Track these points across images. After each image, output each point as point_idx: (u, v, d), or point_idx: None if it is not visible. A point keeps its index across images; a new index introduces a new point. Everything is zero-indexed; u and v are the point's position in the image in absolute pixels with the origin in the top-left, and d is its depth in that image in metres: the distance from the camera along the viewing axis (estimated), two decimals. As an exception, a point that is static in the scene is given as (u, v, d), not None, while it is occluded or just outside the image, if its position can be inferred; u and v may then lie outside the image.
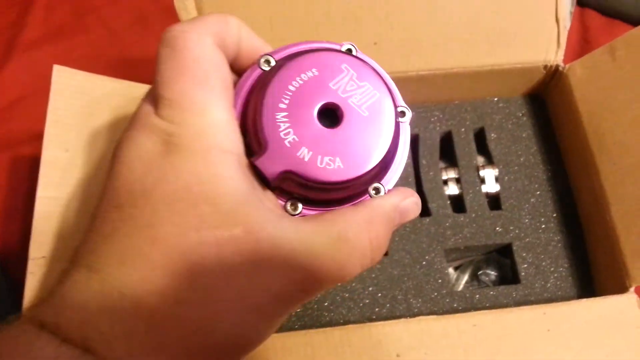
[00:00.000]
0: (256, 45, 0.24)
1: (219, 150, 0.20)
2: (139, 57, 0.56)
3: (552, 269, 0.41)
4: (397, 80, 0.25)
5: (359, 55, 0.24)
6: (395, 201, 0.23)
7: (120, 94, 0.37)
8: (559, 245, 0.41)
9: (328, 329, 0.33)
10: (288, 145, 0.21)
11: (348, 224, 0.21)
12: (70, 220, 0.33)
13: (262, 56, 0.23)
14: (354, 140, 0.22)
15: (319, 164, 0.21)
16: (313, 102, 0.22)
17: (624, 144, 0.37)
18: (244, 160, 0.21)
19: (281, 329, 0.38)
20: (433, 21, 0.41)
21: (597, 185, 0.39)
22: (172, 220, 0.19)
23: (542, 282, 0.40)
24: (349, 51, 0.24)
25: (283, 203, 0.23)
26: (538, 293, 0.40)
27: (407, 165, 0.36)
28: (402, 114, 0.25)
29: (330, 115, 0.22)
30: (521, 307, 0.35)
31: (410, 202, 0.24)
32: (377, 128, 0.22)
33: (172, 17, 0.45)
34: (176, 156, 0.20)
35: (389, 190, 0.24)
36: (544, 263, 0.41)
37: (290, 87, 0.22)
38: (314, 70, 0.22)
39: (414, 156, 0.44)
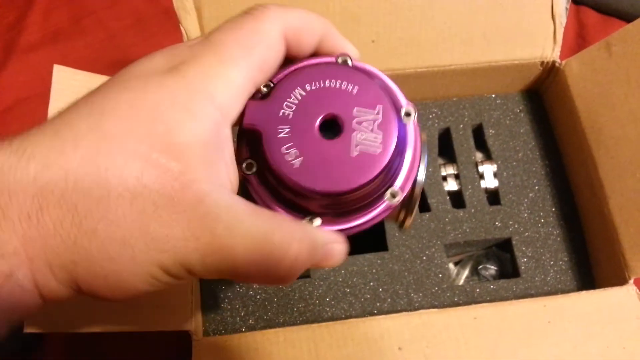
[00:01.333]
0: (342, 47, 0.24)
1: (209, 98, 0.20)
2: (137, 59, 0.56)
3: (551, 262, 0.41)
4: (395, 78, 0.25)
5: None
6: (327, 238, 0.22)
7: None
8: (559, 239, 0.42)
9: (330, 323, 0.33)
10: (280, 115, 0.22)
11: (282, 228, 0.20)
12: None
13: (342, 54, 0.24)
14: (324, 160, 0.21)
15: (283, 150, 0.21)
16: (330, 106, 0.22)
17: (621, 137, 0.37)
18: (226, 124, 0.21)
19: (284, 324, 0.38)
20: (430, 19, 0.42)
21: (595, 179, 0.39)
22: (124, 113, 0.19)
23: (542, 276, 0.40)
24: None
25: (244, 158, 0.23)
26: (538, 287, 0.40)
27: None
28: (392, 195, 0.23)
29: (331, 128, 0.22)
30: (521, 300, 0.35)
31: (339, 247, 0.23)
32: (356, 173, 0.22)
33: (170, 18, 0.45)
34: (169, 76, 0.20)
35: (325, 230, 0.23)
36: (543, 257, 0.41)
37: (326, 83, 0.22)
38: (356, 87, 0.22)
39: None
